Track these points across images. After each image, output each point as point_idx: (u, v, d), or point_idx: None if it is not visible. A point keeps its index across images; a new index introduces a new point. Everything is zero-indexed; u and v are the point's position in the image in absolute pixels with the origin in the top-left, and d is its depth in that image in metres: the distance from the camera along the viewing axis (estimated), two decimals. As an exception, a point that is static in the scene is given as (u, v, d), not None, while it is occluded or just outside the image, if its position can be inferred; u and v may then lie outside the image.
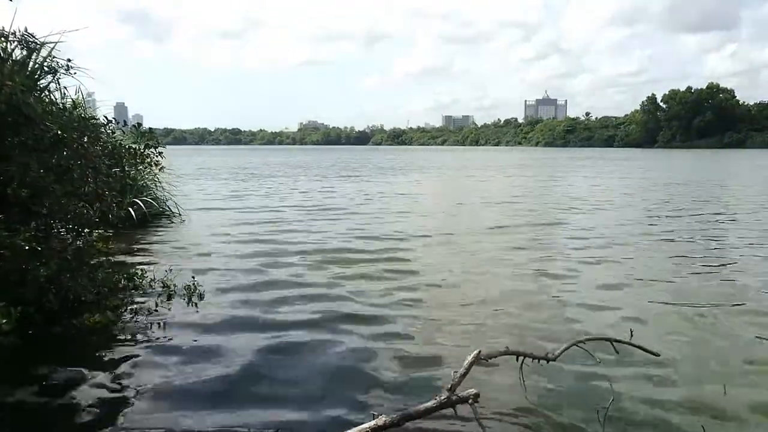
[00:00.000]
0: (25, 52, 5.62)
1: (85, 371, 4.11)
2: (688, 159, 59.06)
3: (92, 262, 4.96)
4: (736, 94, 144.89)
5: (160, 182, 12.15)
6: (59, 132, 4.41)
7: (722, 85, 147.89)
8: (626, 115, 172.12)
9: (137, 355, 4.37)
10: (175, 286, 5.64)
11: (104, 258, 5.19)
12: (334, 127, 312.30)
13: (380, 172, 33.92)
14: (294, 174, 31.51)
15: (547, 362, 3.76)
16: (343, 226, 11.26)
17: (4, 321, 3.32)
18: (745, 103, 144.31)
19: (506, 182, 25.42)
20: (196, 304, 5.63)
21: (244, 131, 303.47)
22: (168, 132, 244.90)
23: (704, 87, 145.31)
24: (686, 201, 16.63)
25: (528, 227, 11.35)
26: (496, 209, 14.67)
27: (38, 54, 5.86)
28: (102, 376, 4.02)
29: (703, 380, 4.03)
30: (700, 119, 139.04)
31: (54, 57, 5.81)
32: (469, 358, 3.31)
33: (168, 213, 12.13)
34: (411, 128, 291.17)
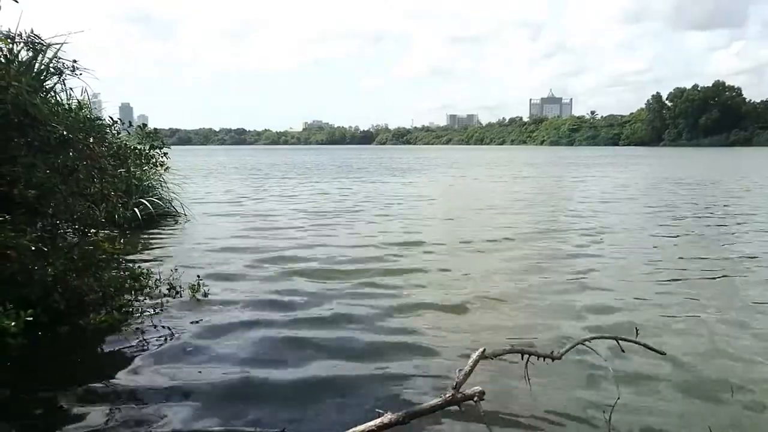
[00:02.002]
0: (31, 54, 5.65)
1: (91, 371, 4.14)
2: (700, 157, 58.45)
3: (98, 262, 4.98)
4: (743, 92, 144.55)
5: (165, 182, 12.19)
6: (65, 133, 4.42)
7: (729, 82, 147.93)
8: (632, 114, 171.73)
9: (143, 355, 4.39)
10: (180, 286, 5.65)
11: (110, 258, 5.21)
12: (338, 127, 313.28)
13: (392, 172, 33.40)
14: (304, 174, 31.46)
15: (553, 360, 3.75)
16: (353, 228, 11.19)
17: (13, 324, 3.33)
18: (752, 101, 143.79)
19: (522, 183, 24.80)
20: (201, 303, 5.64)
21: (249, 131, 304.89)
22: (173, 132, 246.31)
23: (710, 85, 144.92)
24: (705, 199, 16.44)
25: (539, 226, 11.33)
26: (511, 210, 14.62)
27: (44, 55, 5.89)
28: (107, 376, 4.04)
29: (711, 380, 4.01)
30: (706, 117, 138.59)
31: (59, 58, 5.84)
32: (474, 356, 3.30)
33: (174, 213, 12.17)
34: (415, 127, 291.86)
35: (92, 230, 5.17)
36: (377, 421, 2.84)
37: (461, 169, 38.01)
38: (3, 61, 4.45)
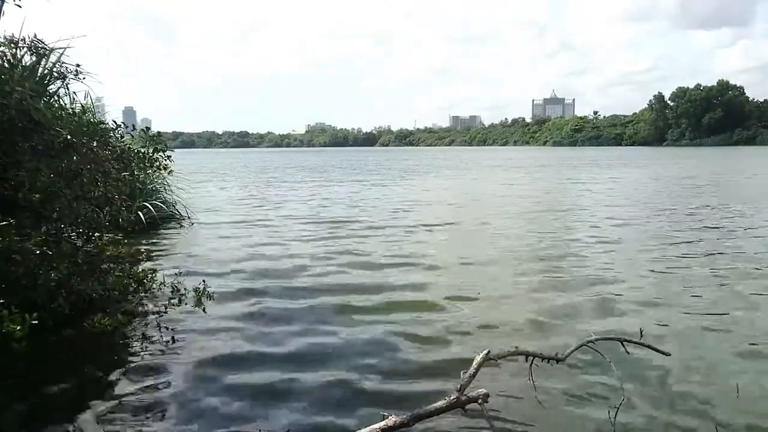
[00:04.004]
0: (34, 58, 5.67)
1: (96, 374, 4.15)
2: (706, 157, 57.67)
3: (102, 266, 4.99)
4: (748, 91, 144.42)
5: (169, 186, 12.20)
6: (69, 137, 4.43)
7: (735, 81, 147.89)
8: (635, 114, 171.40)
9: (147, 358, 4.40)
10: (184, 289, 5.65)
11: (114, 262, 5.22)
12: (341, 129, 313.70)
13: (402, 174, 32.66)
14: (314, 177, 31.33)
15: (557, 362, 3.74)
16: (366, 234, 10.79)
17: (18, 328, 3.34)
18: (755, 100, 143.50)
19: (539, 185, 24.23)
20: (205, 306, 5.64)
21: (252, 134, 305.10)
22: (176, 135, 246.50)
23: (714, 84, 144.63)
24: (718, 199, 16.25)
25: (548, 229, 11.32)
26: (526, 214, 14.59)
27: (47, 59, 5.90)
28: (112, 379, 4.04)
29: (715, 380, 4.00)
30: (709, 117, 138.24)
31: (63, 62, 5.86)
32: (478, 359, 3.30)
33: (177, 216, 12.18)
34: (418, 129, 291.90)
35: (96, 234, 5.18)
36: (382, 424, 2.84)
37: (473, 171, 37.16)
38: (7, 66, 4.46)
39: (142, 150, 5.28)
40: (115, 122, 5.24)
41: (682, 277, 6.94)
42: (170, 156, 5.49)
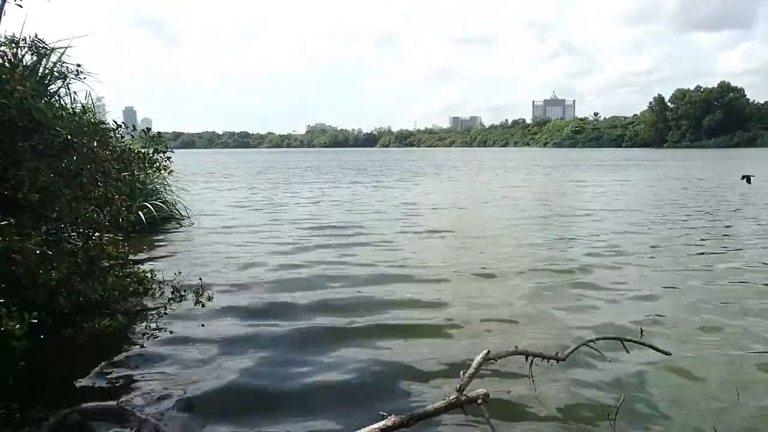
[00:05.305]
0: (35, 58, 5.67)
1: (96, 374, 4.15)
2: (708, 158, 57.52)
3: (102, 266, 4.98)
4: (749, 92, 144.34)
5: (169, 186, 12.20)
6: (69, 137, 4.43)
7: (737, 83, 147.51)
8: (635, 115, 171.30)
9: (147, 359, 4.40)
10: (184, 289, 5.64)
11: (114, 262, 5.21)
12: (341, 129, 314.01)
13: (409, 177, 31.99)
14: (317, 178, 31.28)
15: (557, 362, 3.74)
16: (372, 236, 10.64)
17: (17, 326, 3.34)
18: (756, 102, 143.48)
19: (547, 187, 23.83)
20: (205, 308, 5.63)
21: (253, 134, 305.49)
22: (176, 135, 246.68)
23: (714, 86, 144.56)
24: (722, 202, 16.22)
25: (546, 226, 11.32)
26: (529, 215, 14.57)
27: (48, 59, 5.91)
28: (112, 380, 4.04)
29: (715, 381, 4.00)
30: (710, 118, 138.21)
31: (63, 62, 5.86)
32: (478, 358, 3.30)
33: (178, 217, 12.17)
34: (419, 130, 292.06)
35: (96, 234, 5.17)
36: (381, 424, 2.84)
37: (480, 172, 36.67)
38: (8, 65, 4.46)
39: (143, 150, 5.27)
40: (115, 122, 5.23)
41: (685, 279, 6.94)
42: (170, 156, 5.49)
